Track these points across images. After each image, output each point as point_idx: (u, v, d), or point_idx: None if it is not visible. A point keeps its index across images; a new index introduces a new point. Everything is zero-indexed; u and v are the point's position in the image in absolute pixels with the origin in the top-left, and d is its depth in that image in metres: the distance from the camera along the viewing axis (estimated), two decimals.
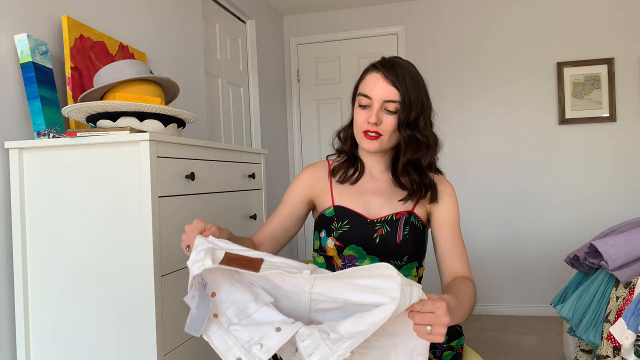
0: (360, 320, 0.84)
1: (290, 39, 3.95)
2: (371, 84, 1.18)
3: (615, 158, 3.40)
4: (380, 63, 1.20)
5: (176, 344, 1.42)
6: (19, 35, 1.46)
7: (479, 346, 2.94)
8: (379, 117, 1.16)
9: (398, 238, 1.17)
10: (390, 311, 0.81)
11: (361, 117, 1.19)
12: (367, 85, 1.19)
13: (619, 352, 1.71)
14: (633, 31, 3.35)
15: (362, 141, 1.20)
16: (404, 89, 1.16)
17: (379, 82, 1.17)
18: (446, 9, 3.66)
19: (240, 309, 0.94)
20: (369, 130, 1.17)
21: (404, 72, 1.18)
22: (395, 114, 1.17)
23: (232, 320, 0.93)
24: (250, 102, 3.35)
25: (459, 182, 3.63)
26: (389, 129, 1.17)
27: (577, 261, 2.06)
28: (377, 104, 1.16)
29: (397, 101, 1.16)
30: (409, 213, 1.20)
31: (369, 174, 1.28)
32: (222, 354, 0.90)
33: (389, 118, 1.17)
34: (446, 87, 3.65)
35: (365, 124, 1.18)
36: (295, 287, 0.94)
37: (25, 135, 1.50)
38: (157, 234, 1.34)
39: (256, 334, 0.89)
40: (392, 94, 1.16)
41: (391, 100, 1.16)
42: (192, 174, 1.49)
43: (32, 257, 1.41)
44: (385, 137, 1.18)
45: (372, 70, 1.20)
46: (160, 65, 2.19)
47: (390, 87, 1.16)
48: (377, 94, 1.16)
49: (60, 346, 1.39)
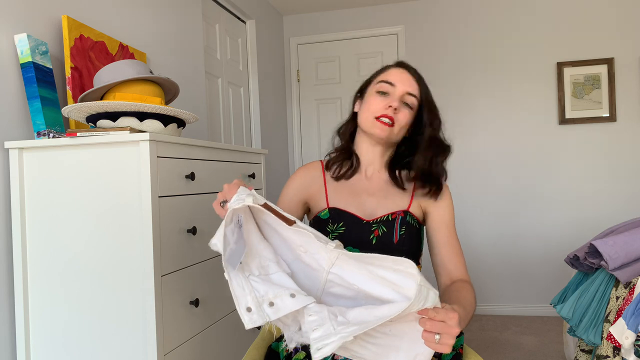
0: (369, 311, 0.85)
1: (290, 39, 3.95)
2: (396, 74, 1.21)
3: (615, 158, 3.40)
4: (401, 62, 1.26)
5: (176, 344, 1.42)
6: (19, 35, 1.46)
7: (479, 346, 2.94)
8: (399, 107, 1.18)
9: (395, 238, 1.16)
10: (400, 309, 0.81)
11: (379, 103, 1.19)
12: (391, 74, 1.22)
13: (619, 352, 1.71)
14: (633, 31, 3.35)
15: (373, 126, 1.18)
16: (424, 89, 1.23)
17: (404, 75, 1.21)
18: (446, 9, 3.66)
19: (262, 265, 0.95)
20: (385, 115, 1.17)
21: (424, 79, 1.25)
22: (411, 110, 1.20)
23: (253, 272, 0.94)
24: (250, 102, 3.35)
25: (459, 182, 3.63)
26: (403, 121, 1.19)
27: (577, 261, 2.07)
28: (399, 92, 1.19)
29: (417, 97, 1.20)
30: (405, 212, 1.20)
31: (363, 173, 1.27)
32: (237, 299, 0.91)
33: (406, 111, 1.19)
34: (446, 87, 3.65)
35: (382, 109, 1.18)
36: (315, 262, 0.95)
37: (25, 135, 1.50)
38: (157, 234, 1.34)
39: (271, 292, 0.90)
40: (415, 89, 1.21)
41: (412, 94, 1.20)
42: (192, 174, 1.49)
43: (32, 257, 1.41)
44: (396, 128, 1.18)
45: (397, 66, 1.24)
46: (160, 65, 2.19)
47: (414, 82, 1.21)
48: (402, 84, 1.20)
49: (60, 346, 1.39)
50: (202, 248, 1.59)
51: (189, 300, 1.50)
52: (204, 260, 1.61)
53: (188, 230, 1.49)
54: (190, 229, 1.49)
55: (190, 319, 1.50)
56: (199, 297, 1.55)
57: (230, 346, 1.76)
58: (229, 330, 1.75)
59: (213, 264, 1.66)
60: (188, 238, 1.51)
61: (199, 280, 1.57)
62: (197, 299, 1.50)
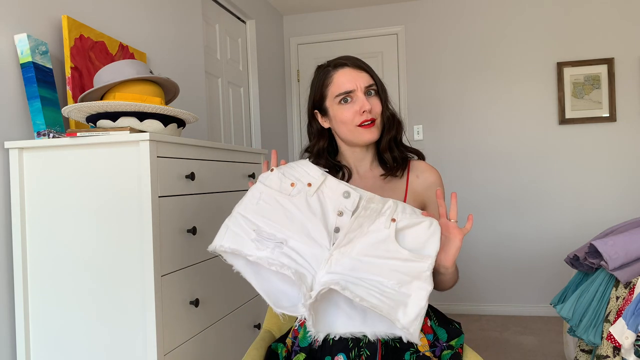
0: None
1: (290, 39, 3.95)
2: (345, 78, 1.17)
3: (615, 158, 3.40)
4: (337, 61, 1.20)
5: (176, 344, 1.42)
6: (19, 35, 1.46)
7: (479, 346, 2.94)
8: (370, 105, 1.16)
9: None
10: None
11: (349, 112, 1.16)
12: (340, 82, 1.17)
13: (619, 352, 1.71)
14: (633, 31, 3.35)
15: (361, 135, 1.17)
16: (372, 72, 1.20)
17: (352, 73, 1.17)
18: (446, 9, 3.66)
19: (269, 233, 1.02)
20: (365, 120, 1.15)
21: (363, 61, 1.22)
22: (377, 95, 1.19)
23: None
24: (250, 102, 3.35)
25: (459, 182, 3.63)
26: (378, 110, 1.18)
27: (577, 261, 2.06)
28: (360, 92, 1.16)
29: (374, 83, 1.19)
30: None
31: (357, 174, 1.26)
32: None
33: (375, 101, 1.18)
34: (446, 87, 3.65)
35: (358, 117, 1.15)
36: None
37: (25, 135, 1.50)
38: (157, 234, 1.34)
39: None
40: (367, 78, 1.18)
41: (370, 85, 1.18)
42: (192, 174, 1.49)
43: (32, 257, 1.41)
44: (378, 121, 1.18)
45: (337, 68, 1.19)
46: (160, 65, 2.19)
47: (363, 74, 1.18)
48: (358, 83, 1.17)
49: (60, 346, 1.39)
50: (202, 248, 1.59)
51: (189, 300, 1.50)
52: (204, 260, 1.61)
53: (188, 230, 1.49)
54: (190, 229, 1.49)
55: (190, 319, 1.50)
56: (199, 297, 1.55)
57: (230, 346, 1.76)
58: (229, 330, 1.75)
59: (213, 264, 1.66)
60: (188, 238, 1.51)
61: (199, 280, 1.57)
62: (197, 299, 1.50)
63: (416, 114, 3.71)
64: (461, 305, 3.64)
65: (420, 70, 3.71)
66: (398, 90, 3.75)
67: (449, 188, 3.66)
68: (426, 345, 1.12)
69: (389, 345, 1.09)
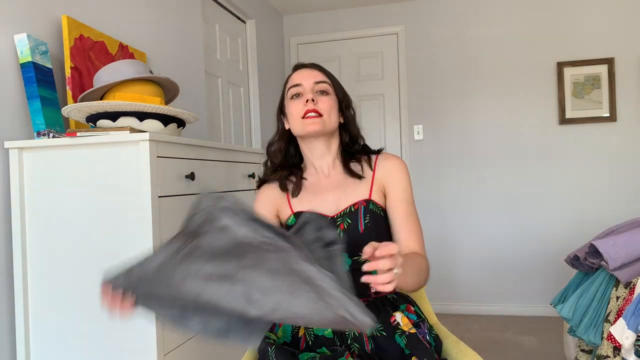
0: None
1: (290, 39, 3.95)
2: (298, 75, 1.24)
3: (616, 158, 3.40)
4: (297, 64, 1.29)
5: (176, 344, 1.42)
6: (19, 35, 1.46)
7: (479, 346, 2.94)
8: (315, 97, 1.20)
9: (360, 228, 1.17)
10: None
11: (297, 106, 1.21)
12: (294, 78, 1.24)
13: (619, 352, 1.71)
14: (633, 31, 3.35)
15: (304, 126, 1.19)
16: (330, 74, 1.26)
17: (304, 72, 1.24)
18: (446, 9, 3.66)
19: None
20: (308, 111, 1.18)
21: (323, 67, 1.28)
22: (329, 95, 1.22)
23: None
24: (250, 102, 3.35)
25: (459, 181, 3.63)
26: (327, 107, 1.20)
27: (577, 261, 2.06)
28: (308, 86, 1.21)
29: (327, 82, 1.23)
30: (367, 201, 1.20)
31: (321, 173, 1.27)
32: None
33: (324, 98, 1.21)
34: (446, 87, 3.65)
35: (302, 108, 1.19)
36: None
37: (25, 135, 1.50)
38: (157, 234, 1.34)
39: None
40: (320, 76, 1.23)
41: (321, 81, 1.22)
42: (192, 174, 1.49)
43: (32, 257, 1.41)
44: (325, 117, 1.20)
45: (295, 69, 1.27)
46: (160, 65, 2.19)
47: (316, 72, 1.24)
48: (306, 79, 1.22)
49: (60, 346, 1.39)
50: None
51: None
52: None
53: None
54: None
55: None
56: None
57: (230, 346, 1.76)
58: None
59: None
60: None
61: None
62: None
63: (416, 114, 3.71)
64: (461, 306, 3.64)
65: (420, 70, 3.71)
66: (398, 90, 3.75)
67: (449, 188, 3.66)
68: (408, 324, 1.12)
69: (375, 336, 1.10)
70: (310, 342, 1.12)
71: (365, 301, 1.15)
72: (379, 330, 1.10)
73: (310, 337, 1.13)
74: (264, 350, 1.09)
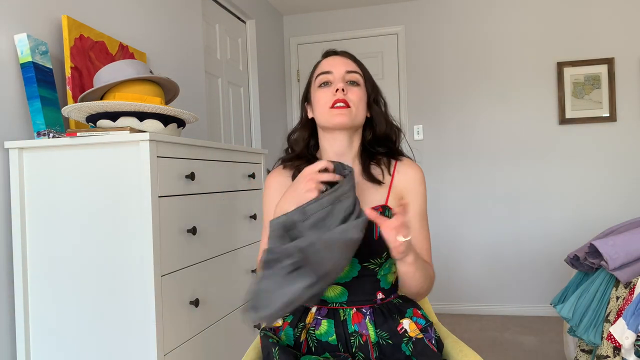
0: None
1: (290, 39, 3.95)
2: (329, 62, 1.18)
3: (615, 158, 3.40)
4: (328, 51, 1.24)
5: (176, 344, 1.42)
6: (19, 35, 1.46)
7: (479, 346, 2.94)
8: (345, 88, 1.14)
9: (375, 234, 1.12)
10: None
11: (325, 94, 1.15)
12: (324, 64, 1.19)
13: (619, 352, 1.71)
14: (633, 31, 3.35)
15: (331, 117, 1.14)
16: (363, 68, 1.20)
17: (336, 59, 1.19)
18: (446, 9, 3.66)
19: None
20: (337, 100, 1.13)
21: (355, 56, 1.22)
22: (359, 86, 1.17)
23: None
24: (250, 102, 3.35)
25: (459, 181, 3.63)
26: (355, 99, 1.15)
27: (577, 261, 2.06)
28: (339, 74, 1.16)
29: (359, 72, 1.18)
30: (383, 207, 1.16)
31: None
32: None
33: (354, 89, 1.16)
34: (446, 87, 3.65)
35: (331, 98, 1.14)
36: None
37: (25, 135, 1.50)
38: (157, 234, 1.34)
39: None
40: (353, 66, 1.18)
41: (353, 71, 1.16)
42: (192, 174, 1.49)
43: (32, 257, 1.41)
44: (353, 109, 1.14)
45: (326, 55, 1.22)
46: (160, 65, 2.19)
47: (348, 61, 1.18)
48: (338, 67, 1.16)
49: (60, 346, 1.39)
50: (202, 248, 1.59)
51: (189, 300, 1.50)
52: (204, 260, 1.61)
53: (188, 230, 1.49)
54: (190, 229, 1.49)
55: (190, 319, 1.50)
56: (199, 297, 1.55)
57: (230, 346, 1.76)
58: (229, 330, 1.75)
59: (213, 264, 1.66)
60: (188, 238, 1.51)
61: (199, 280, 1.57)
62: (197, 299, 1.50)
63: (416, 114, 3.71)
64: (461, 305, 3.64)
65: (420, 70, 3.71)
66: (398, 90, 3.75)
67: (449, 188, 3.66)
68: (416, 329, 1.12)
69: (381, 344, 1.09)
70: (313, 347, 1.11)
71: (372, 307, 1.12)
72: (385, 339, 1.09)
73: (313, 342, 1.11)
74: (268, 350, 1.08)
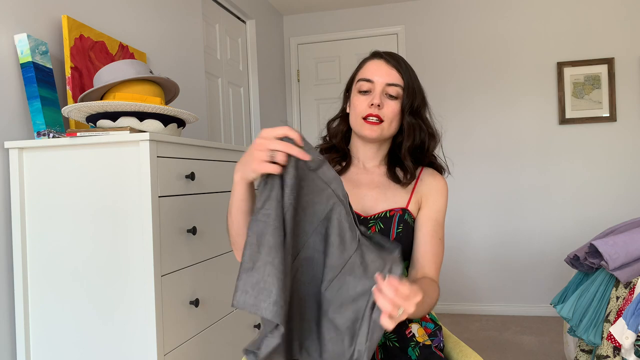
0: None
1: (290, 39, 3.95)
2: (373, 68, 1.16)
3: (615, 158, 3.40)
4: (381, 52, 1.20)
5: (176, 344, 1.42)
6: (19, 35, 1.46)
7: (479, 346, 2.94)
8: (382, 101, 1.13)
9: (392, 236, 1.13)
10: None
11: (362, 103, 1.15)
12: (368, 70, 1.17)
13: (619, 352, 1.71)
14: (633, 31, 3.35)
15: (362, 128, 1.15)
16: (406, 76, 1.15)
17: (381, 67, 1.16)
18: (446, 9, 3.66)
19: None
20: (370, 114, 1.13)
21: (405, 62, 1.18)
22: (397, 99, 1.15)
23: None
24: (250, 102, 3.35)
25: (459, 181, 3.63)
26: (390, 114, 1.14)
27: (577, 261, 2.06)
28: (379, 87, 1.14)
29: (399, 85, 1.15)
30: (403, 210, 1.16)
31: (362, 167, 1.23)
32: None
33: (391, 103, 1.14)
34: (446, 87, 3.65)
35: (366, 109, 1.14)
36: None
37: (25, 135, 1.50)
38: (157, 234, 1.34)
39: None
40: (395, 78, 1.15)
41: (394, 84, 1.14)
42: (192, 174, 1.49)
43: (32, 257, 1.41)
44: (386, 124, 1.14)
45: (372, 58, 1.19)
46: (160, 65, 2.19)
47: (393, 71, 1.15)
48: (380, 78, 1.14)
49: (60, 346, 1.39)
50: (202, 248, 1.59)
51: (189, 300, 1.50)
52: (204, 260, 1.61)
53: (188, 230, 1.49)
54: (190, 229, 1.49)
55: (190, 319, 1.50)
56: (199, 297, 1.55)
57: (230, 346, 1.76)
58: (228, 330, 1.75)
59: (213, 264, 1.66)
60: (188, 238, 1.51)
61: (199, 280, 1.57)
62: (197, 299, 1.50)
63: None
64: (461, 305, 3.64)
65: (420, 70, 3.71)
66: None
67: (449, 187, 3.66)
68: (424, 335, 1.11)
69: (387, 346, 1.09)
70: None
71: None
72: (392, 341, 1.09)
73: None
74: None
